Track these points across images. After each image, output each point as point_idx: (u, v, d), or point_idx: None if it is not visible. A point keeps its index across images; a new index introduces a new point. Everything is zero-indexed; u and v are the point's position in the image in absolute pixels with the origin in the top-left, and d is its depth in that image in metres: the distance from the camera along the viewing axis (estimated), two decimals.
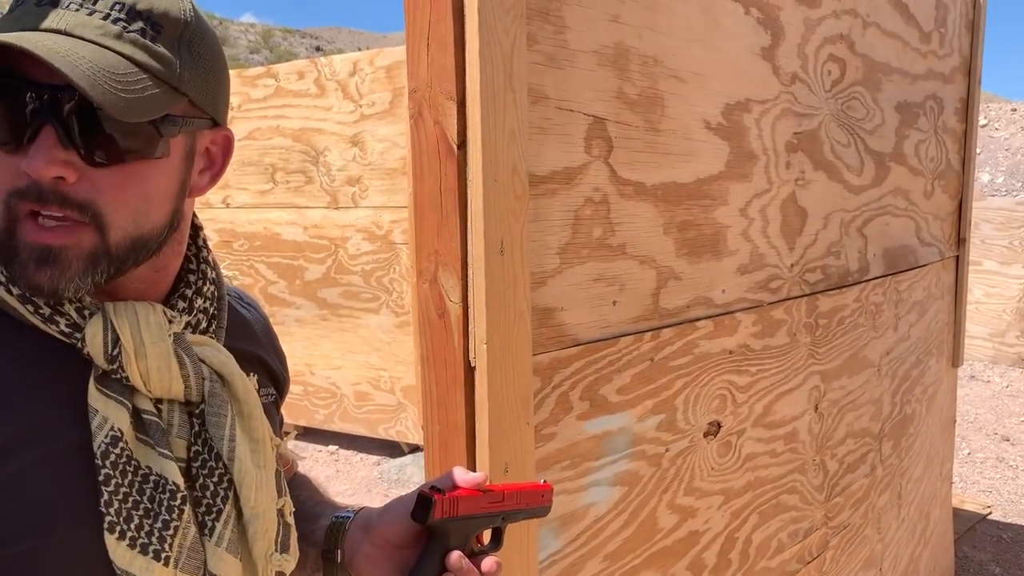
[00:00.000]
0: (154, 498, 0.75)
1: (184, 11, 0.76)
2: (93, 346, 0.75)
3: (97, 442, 0.73)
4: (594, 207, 1.27)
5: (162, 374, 0.77)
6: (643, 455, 1.38)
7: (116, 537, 0.72)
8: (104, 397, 0.74)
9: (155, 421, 0.77)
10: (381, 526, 0.92)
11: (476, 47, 1.05)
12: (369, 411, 5.17)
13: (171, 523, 0.75)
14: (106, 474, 0.72)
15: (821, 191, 1.89)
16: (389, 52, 4.74)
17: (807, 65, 1.81)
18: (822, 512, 1.94)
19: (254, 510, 0.81)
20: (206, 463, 0.80)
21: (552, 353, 1.22)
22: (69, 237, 0.72)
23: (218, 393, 0.81)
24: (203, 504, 0.79)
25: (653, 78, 1.37)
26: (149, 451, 0.76)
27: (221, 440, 0.80)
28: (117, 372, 0.76)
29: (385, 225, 4.85)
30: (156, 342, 0.77)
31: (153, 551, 0.73)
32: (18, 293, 0.74)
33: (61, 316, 0.75)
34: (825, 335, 1.91)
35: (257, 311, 1.05)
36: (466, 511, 0.88)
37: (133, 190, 0.74)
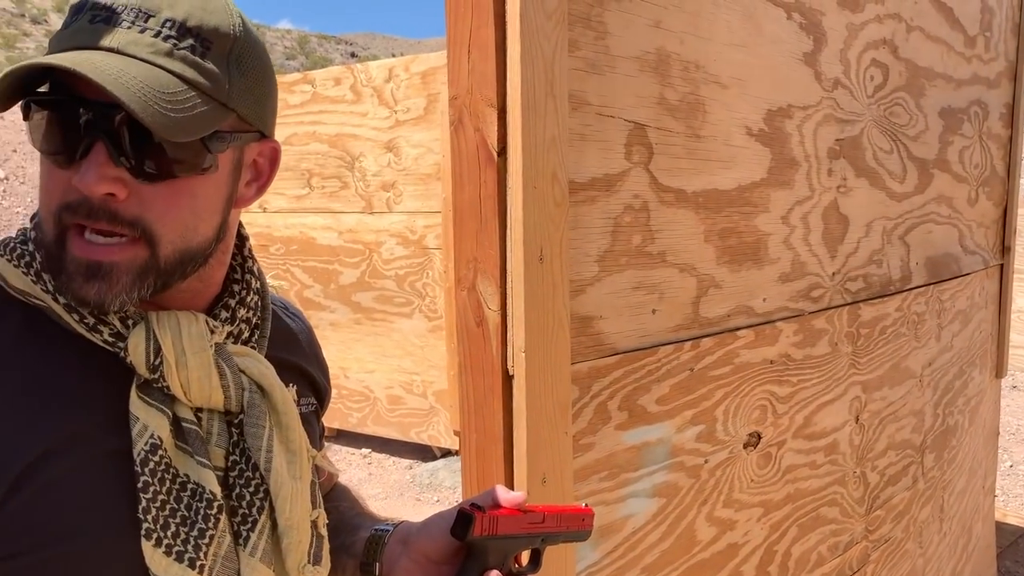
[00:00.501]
0: (191, 506, 0.75)
1: (234, 26, 0.76)
2: (135, 355, 0.75)
3: (137, 449, 0.73)
4: (634, 214, 1.26)
5: (202, 384, 0.78)
6: (682, 466, 1.36)
7: (153, 544, 0.73)
8: (145, 405, 0.75)
9: (194, 430, 0.77)
10: (420, 541, 0.91)
11: (518, 53, 1.05)
12: (402, 415, 5.19)
13: (207, 531, 0.75)
14: (145, 481, 0.73)
15: (863, 198, 1.86)
16: (424, 58, 4.76)
17: (849, 70, 1.78)
18: (863, 525, 1.91)
19: (289, 521, 0.81)
20: (243, 473, 0.80)
21: (590, 362, 1.20)
22: (118, 254, 0.73)
23: (257, 404, 0.81)
24: (239, 514, 0.79)
25: (694, 84, 1.35)
26: (188, 459, 0.76)
27: (259, 451, 0.80)
28: (158, 381, 0.76)
29: (419, 230, 4.87)
30: (197, 352, 0.77)
31: (188, 559, 0.74)
32: (64, 302, 0.75)
33: (105, 326, 0.76)
34: (867, 345, 1.88)
35: (301, 321, 1.05)
36: (506, 530, 0.87)
37: (182, 205, 0.75)
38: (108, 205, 0.71)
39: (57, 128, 0.71)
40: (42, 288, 0.76)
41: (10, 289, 0.76)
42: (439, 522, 0.90)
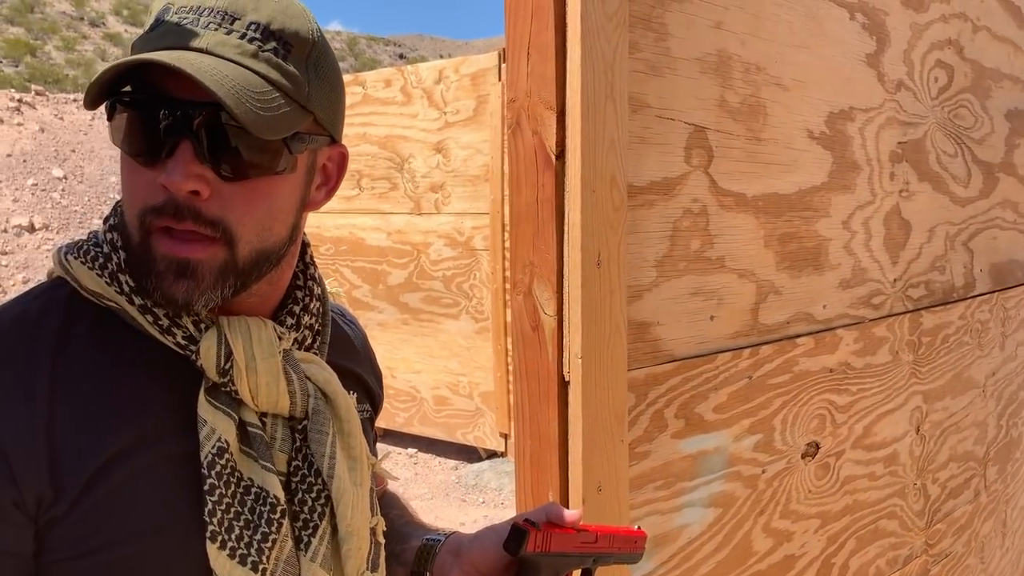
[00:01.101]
0: (254, 510, 0.75)
1: (312, 31, 0.77)
2: (206, 359, 0.76)
3: (204, 452, 0.74)
4: (693, 218, 1.23)
5: (270, 389, 0.78)
6: (739, 476, 1.34)
7: (217, 546, 0.73)
8: (213, 408, 0.75)
9: (260, 434, 0.78)
10: (472, 553, 0.91)
11: (578, 56, 1.03)
12: (448, 415, 5.20)
13: (270, 535, 0.75)
14: (211, 484, 0.73)
15: (926, 203, 1.81)
16: (474, 60, 4.77)
17: (913, 72, 1.73)
18: (923, 539, 1.85)
19: (349, 528, 0.81)
20: (305, 478, 0.80)
21: (647, 369, 1.18)
22: (203, 251, 0.73)
23: (321, 410, 0.82)
24: (300, 519, 0.79)
25: (755, 86, 1.32)
26: (252, 463, 0.77)
27: (322, 457, 0.80)
28: (227, 385, 0.77)
29: (466, 231, 4.88)
30: (267, 358, 0.78)
31: (251, 562, 0.74)
32: (139, 303, 0.76)
33: (179, 328, 0.76)
34: (928, 353, 1.83)
35: (357, 328, 1.05)
36: (558, 548, 0.86)
37: (260, 205, 0.75)
38: (192, 203, 0.72)
39: (142, 128, 0.72)
40: (116, 289, 0.76)
41: (83, 291, 0.77)
42: (492, 535, 0.90)
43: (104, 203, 10.59)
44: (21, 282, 8.98)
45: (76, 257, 0.78)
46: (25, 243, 9.60)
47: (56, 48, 19.02)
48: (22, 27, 18.84)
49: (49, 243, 9.67)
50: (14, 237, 9.58)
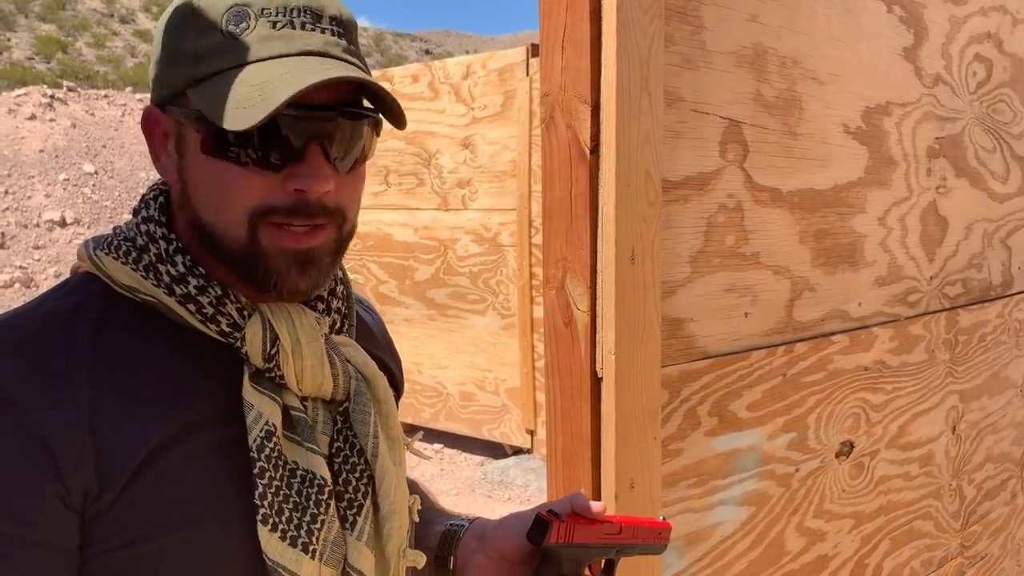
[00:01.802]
0: (301, 492, 0.76)
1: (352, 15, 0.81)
2: (252, 345, 0.76)
3: (252, 436, 0.74)
4: (728, 214, 1.22)
5: (315, 373, 0.79)
6: (772, 475, 1.32)
7: (269, 529, 0.74)
8: (258, 393, 0.76)
9: (303, 417, 0.79)
10: (496, 539, 0.91)
11: (613, 49, 1.02)
12: (474, 411, 5.21)
13: (318, 516, 0.77)
14: (260, 467, 0.74)
15: (963, 199, 1.78)
16: (502, 55, 4.76)
17: (951, 66, 1.70)
18: (958, 540, 1.83)
19: (392, 506, 0.82)
20: (348, 459, 0.81)
21: (681, 366, 1.17)
22: (319, 238, 0.76)
23: (363, 392, 0.83)
24: (344, 499, 0.80)
25: (791, 80, 1.31)
26: (296, 447, 0.78)
27: (366, 437, 0.82)
28: (272, 371, 0.77)
29: (493, 227, 4.87)
30: (311, 342, 0.79)
31: (302, 544, 0.75)
32: (181, 293, 0.76)
33: (223, 316, 0.77)
34: (965, 352, 1.80)
35: (374, 314, 1.06)
36: (581, 539, 0.86)
37: (359, 187, 0.81)
38: (323, 200, 0.75)
39: (269, 136, 0.73)
40: (152, 282, 0.77)
41: (117, 287, 0.77)
42: (516, 523, 0.90)
43: (134, 198, 10.70)
44: (53, 276, 9.10)
45: (107, 253, 0.78)
46: (57, 237, 9.72)
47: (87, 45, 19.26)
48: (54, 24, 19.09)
49: (80, 238, 9.79)
50: (46, 232, 9.71)
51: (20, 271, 8.93)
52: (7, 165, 10.16)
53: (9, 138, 10.54)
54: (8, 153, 10.31)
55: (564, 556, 0.86)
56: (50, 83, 12.76)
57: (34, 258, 9.28)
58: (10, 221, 9.53)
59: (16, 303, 8.54)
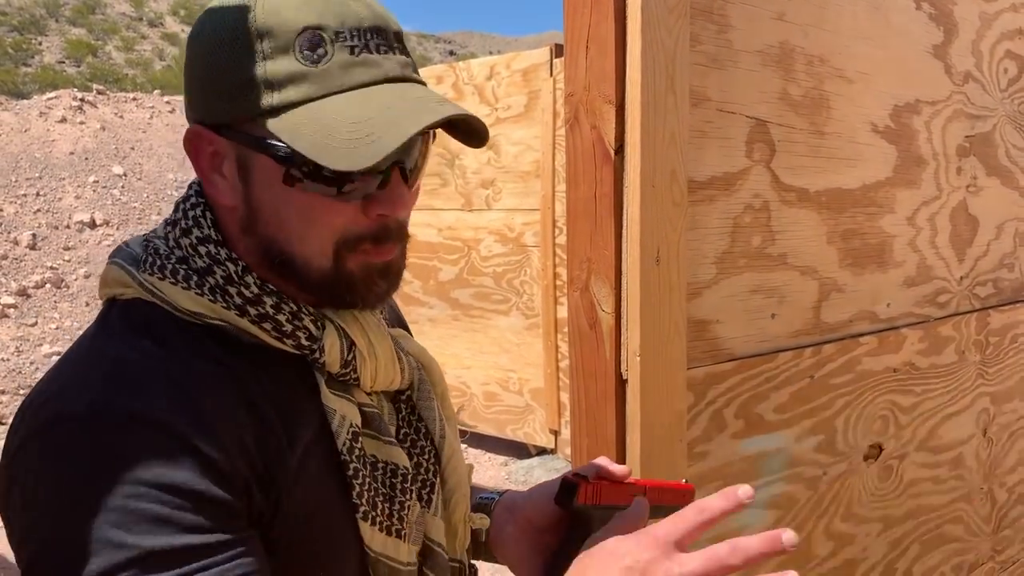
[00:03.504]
0: (386, 482, 0.79)
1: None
2: (331, 353, 0.78)
3: (341, 440, 0.76)
4: (754, 214, 1.21)
5: (387, 370, 0.82)
6: (799, 478, 1.31)
7: (369, 524, 0.77)
8: (337, 398, 0.78)
9: (376, 413, 0.81)
10: (525, 508, 0.93)
11: (638, 48, 1.02)
12: (497, 411, 5.20)
13: (406, 503, 0.80)
14: (354, 468, 0.76)
15: (994, 198, 1.75)
16: (526, 55, 4.76)
17: (981, 63, 1.68)
18: (989, 545, 1.80)
19: (457, 480, 0.87)
20: (416, 443, 0.85)
21: (706, 368, 1.16)
22: (395, 250, 0.78)
23: (424, 380, 0.88)
24: (418, 480, 0.84)
25: (819, 78, 1.29)
26: (373, 441, 0.80)
27: (433, 422, 0.86)
28: (348, 375, 0.79)
29: (517, 227, 4.87)
30: (382, 340, 0.82)
31: (395, 531, 0.79)
32: (256, 313, 0.75)
33: (301, 331, 0.77)
34: (996, 354, 1.77)
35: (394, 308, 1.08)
36: (608, 500, 0.87)
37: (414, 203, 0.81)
38: (401, 224, 0.77)
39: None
40: (223, 305, 0.75)
41: (180, 313, 0.74)
42: (544, 491, 0.92)
43: (162, 199, 10.81)
44: (83, 276, 9.21)
45: (162, 279, 0.75)
46: (87, 239, 9.84)
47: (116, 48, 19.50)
48: (84, 28, 19.35)
49: (110, 239, 9.90)
50: (76, 233, 9.83)
51: (51, 272, 9.05)
52: (38, 167, 10.31)
53: (40, 141, 10.69)
54: (39, 155, 10.46)
55: (593, 518, 0.86)
56: (80, 86, 12.94)
57: (64, 259, 9.40)
58: (41, 223, 9.66)
59: (47, 303, 8.65)
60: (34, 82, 12.80)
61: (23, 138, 10.64)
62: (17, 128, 10.74)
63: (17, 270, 8.96)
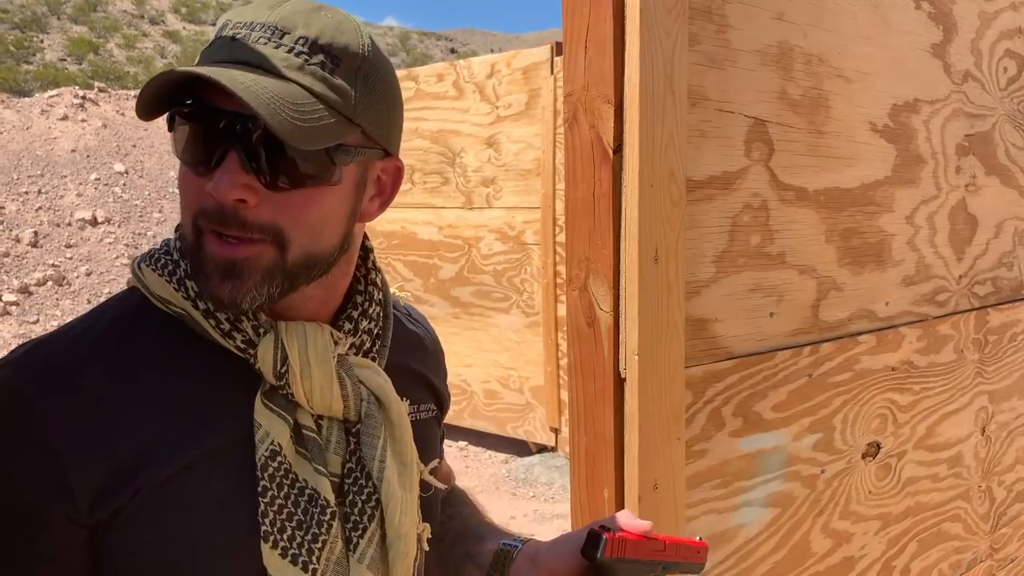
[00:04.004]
0: (307, 511, 0.78)
1: (362, 46, 0.79)
2: (264, 362, 0.78)
3: (258, 455, 0.76)
4: (753, 213, 1.21)
5: (324, 393, 0.80)
6: (798, 476, 1.31)
7: (270, 546, 0.76)
8: (268, 412, 0.78)
9: (314, 438, 0.80)
10: (549, 560, 0.92)
11: (637, 48, 1.02)
12: (498, 409, 5.21)
13: (320, 536, 0.78)
14: (263, 486, 0.76)
15: (993, 197, 1.76)
16: (526, 53, 4.76)
17: (981, 62, 1.68)
18: (987, 543, 1.80)
19: (397, 531, 0.83)
20: (357, 481, 0.82)
21: (705, 366, 1.17)
22: (248, 251, 0.75)
23: (373, 415, 0.84)
24: (351, 520, 0.81)
25: (817, 78, 1.30)
26: (306, 465, 0.79)
27: (372, 460, 0.83)
28: (284, 388, 0.79)
29: (517, 226, 4.87)
30: (321, 363, 0.80)
31: (302, 562, 0.76)
32: (203, 308, 0.78)
33: (239, 332, 0.79)
34: (995, 352, 1.78)
35: (425, 327, 1.08)
36: (632, 554, 0.87)
37: (312, 211, 0.77)
38: (239, 212, 0.74)
39: (196, 138, 0.75)
40: (183, 295, 0.79)
41: (152, 298, 0.80)
42: (568, 542, 0.91)
43: (164, 197, 10.82)
44: (84, 274, 9.22)
45: (148, 265, 0.81)
46: (88, 236, 9.85)
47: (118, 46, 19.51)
48: (85, 26, 19.36)
49: (111, 236, 9.92)
50: (78, 231, 9.84)
51: (53, 269, 9.06)
52: (40, 165, 10.32)
53: (42, 138, 10.69)
54: (41, 153, 10.46)
55: (616, 571, 0.87)
56: (82, 84, 12.94)
57: (66, 256, 9.41)
58: (43, 220, 9.67)
59: (49, 301, 8.66)
60: (36, 80, 12.81)
61: (25, 136, 10.64)
62: (19, 126, 10.74)
63: (19, 268, 8.97)
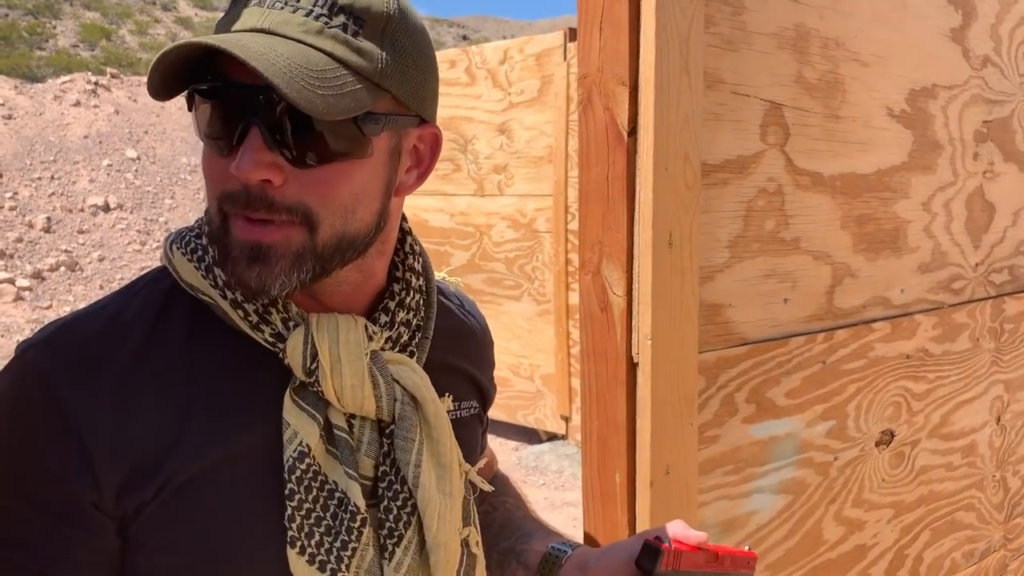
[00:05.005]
0: (336, 515, 0.74)
1: (387, 4, 0.73)
2: (293, 358, 0.74)
3: (286, 456, 0.73)
4: (768, 198, 1.20)
5: (355, 392, 0.75)
6: (810, 463, 1.31)
7: (296, 551, 0.72)
8: (297, 410, 0.74)
9: (345, 438, 0.76)
10: (599, 569, 0.88)
11: (652, 29, 1.01)
12: (508, 397, 5.21)
13: (349, 544, 0.74)
14: (291, 489, 0.72)
15: (1011, 184, 1.74)
16: (539, 39, 4.74)
17: (1000, 47, 1.66)
18: (1001, 533, 1.79)
19: (436, 539, 0.78)
20: (392, 485, 0.78)
21: (718, 352, 1.16)
22: (277, 234, 0.71)
23: (408, 416, 0.79)
24: (385, 527, 0.77)
25: (834, 62, 1.28)
26: (336, 467, 0.75)
27: (407, 464, 0.78)
28: (314, 384, 0.75)
29: (529, 213, 4.86)
30: (352, 360, 0.75)
31: (330, 569, 0.73)
32: (231, 298, 0.74)
33: (267, 325, 0.75)
34: (1011, 341, 1.76)
35: (476, 319, 1.03)
36: (688, 566, 0.85)
37: (342, 188, 0.72)
38: (265, 193, 0.70)
39: (216, 115, 0.70)
40: (211, 283, 0.75)
41: (182, 283, 0.76)
42: (620, 552, 0.87)
43: (175, 183, 10.85)
44: (96, 260, 9.26)
45: (179, 248, 0.77)
46: (101, 222, 9.89)
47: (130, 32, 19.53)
48: (98, 12, 19.39)
49: (123, 222, 9.95)
50: (90, 216, 9.88)
51: (66, 255, 9.11)
52: (52, 151, 10.36)
53: (55, 124, 10.73)
54: (54, 139, 10.50)
55: None
56: (94, 70, 12.97)
57: (79, 242, 9.45)
58: (56, 206, 9.71)
59: (61, 286, 8.71)
60: (48, 66, 12.85)
61: (38, 122, 10.68)
62: (32, 112, 10.78)
63: (32, 253, 9.01)
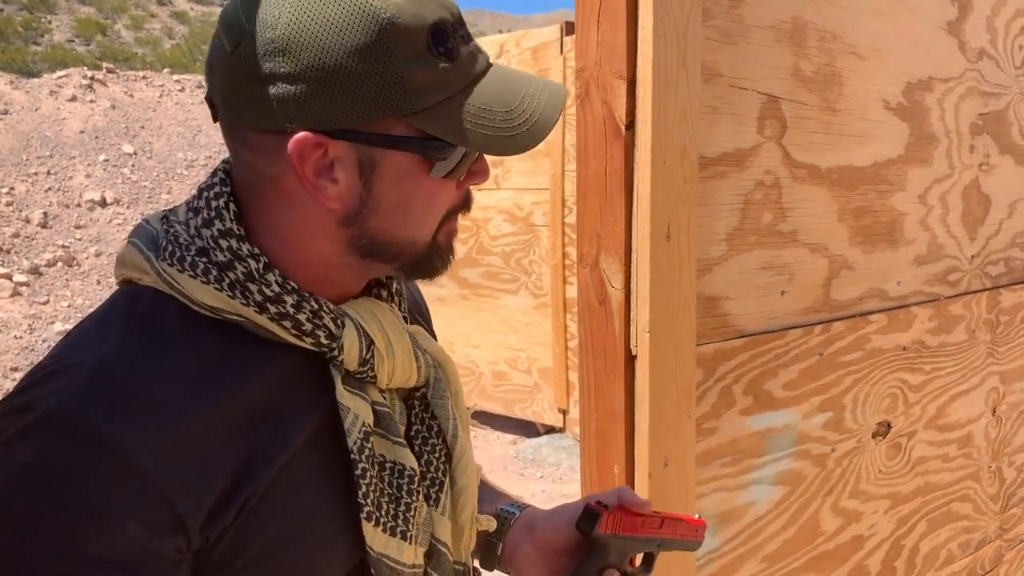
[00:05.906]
0: (393, 483, 0.79)
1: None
2: (350, 352, 0.77)
3: (352, 439, 0.75)
4: (765, 191, 1.21)
5: (406, 368, 0.81)
6: (808, 454, 1.31)
7: (373, 524, 0.76)
8: (351, 395, 0.77)
9: (387, 412, 0.80)
10: (545, 530, 0.92)
11: (650, 23, 1.01)
12: (506, 390, 5.22)
13: (412, 504, 0.79)
14: (362, 468, 0.75)
15: (1007, 177, 1.74)
16: (535, 33, 4.73)
17: (996, 40, 1.66)
18: (997, 523, 1.80)
19: (467, 481, 0.86)
20: (427, 440, 0.84)
21: (716, 344, 1.17)
22: None
23: (440, 378, 0.86)
24: (427, 478, 0.83)
25: (831, 54, 1.28)
26: (383, 440, 0.79)
27: (447, 420, 0.85)
28: (365, 373, 0.78)
29: (526, 207, 4.86)
30: (400, 340, 0.81)
31: (400, 532, 0.78)
32: (275, 312, 0.73)
33: (321, 329, 0.75)
34: (1007, 333, 1.77)
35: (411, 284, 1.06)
36: (628, 531, 0.88)
37: None
38: None
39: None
40: (241, 302, 0.72)
41: (196, 307, 0.72)
42: (564, 514, 0.91)
43: (172, 178, 10.83)
44: (94, 255, 9.25)
45: (181, 271, 0.72)
46: (97, 217, 9.87)
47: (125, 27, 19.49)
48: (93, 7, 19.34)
49: (120, 218, 9.93)
50: (87, 212, 9.87)
51: (63, 250, 9.09)
52: (49, 146, 10.33)
53: (51, 119, 10.70)
54: (50, 134, 10.48)
55: (610, 547, 0.87)
56: (90, 65, 12.94)
57: (76, 237, 9.44)
58: (52, 201, 9.70)
59: (59, 281, 8.70)
60: (44, 61, 12.82)
61: (34, 117, 10.65)
62: (28, 107, 10.75)
63: (29, 248, 9.00)
